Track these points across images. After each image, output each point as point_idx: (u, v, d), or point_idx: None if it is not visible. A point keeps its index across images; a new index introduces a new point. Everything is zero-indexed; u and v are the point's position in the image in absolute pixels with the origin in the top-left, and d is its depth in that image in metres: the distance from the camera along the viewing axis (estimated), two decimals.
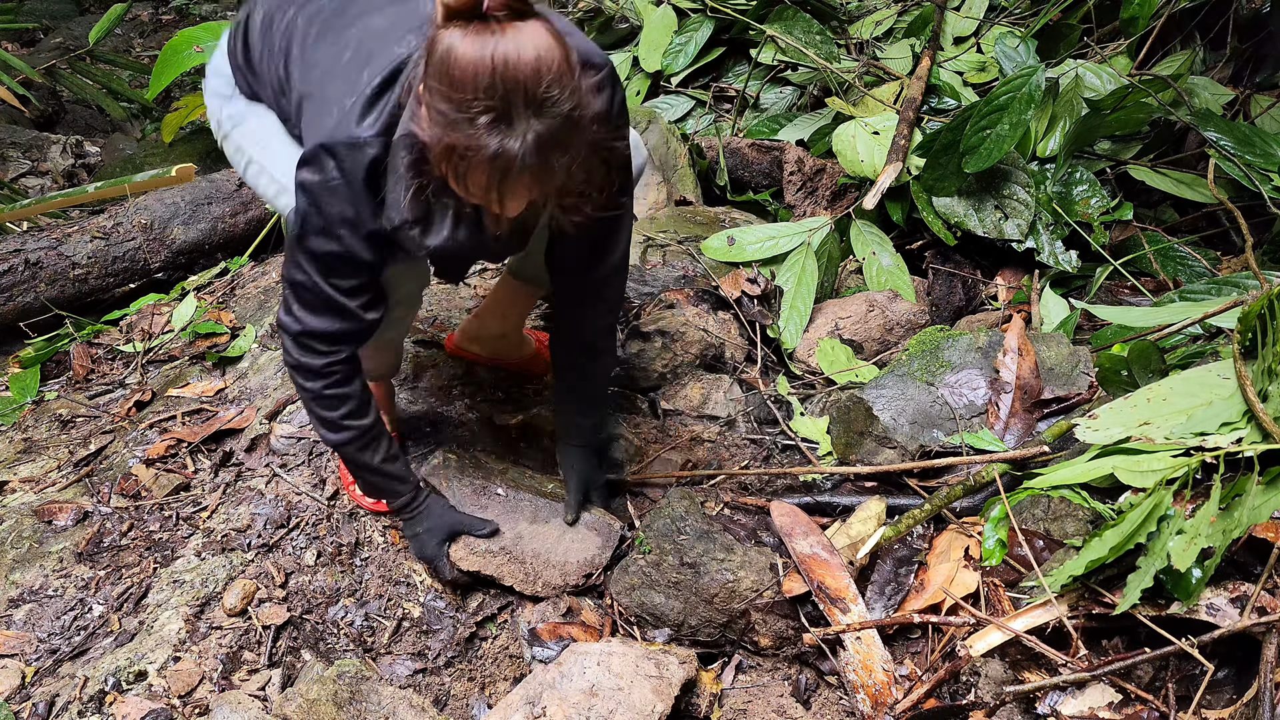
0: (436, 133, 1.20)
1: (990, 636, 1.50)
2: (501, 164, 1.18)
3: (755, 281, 2.61)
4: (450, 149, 1.19)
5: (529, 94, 1.15)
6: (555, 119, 1.17)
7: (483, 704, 1.70)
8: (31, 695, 1.65)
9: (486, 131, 1.16)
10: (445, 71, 1.15)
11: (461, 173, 1.22)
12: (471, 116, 1.15)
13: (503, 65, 1.13)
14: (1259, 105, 2.94)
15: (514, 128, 1.16)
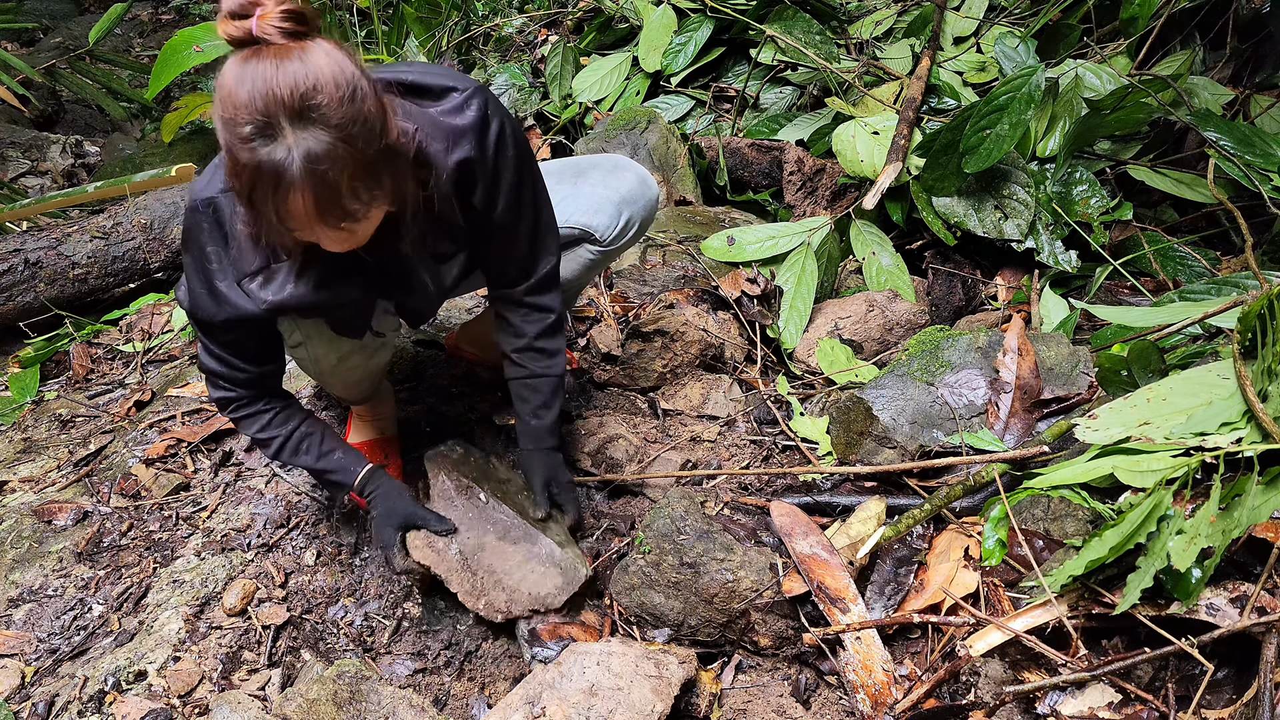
0: (225, 159, 1.22)
1: (990, 636, 1.50)
2: (270, 176, 1.18)
3: (755, 281, 2.61)
4: (231, 173, 1.22)
5: (289, 105, 1.15)
6: (324, 129, 1.17)
7: (482, 704, 1.70)
8: (31, 695, 1.65)
9: (252, 144, 1.17)
10: (218, 98, 1.19)
11: (245, 193, 1.23)
12: (239, 133, 1.17)
13: (262, 81, 1.15)
14: (1259, 105, 2.94)
15: (278, 140, 1.17)
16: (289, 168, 1.17)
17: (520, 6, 5.14)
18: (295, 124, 1.17)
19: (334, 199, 1.21)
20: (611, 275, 2.77)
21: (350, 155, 1.19)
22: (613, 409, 2.30)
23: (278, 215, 1.23)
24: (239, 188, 1.23)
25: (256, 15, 1.16)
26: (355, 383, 1.90)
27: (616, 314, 2.60)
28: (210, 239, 1.43)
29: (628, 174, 1.91)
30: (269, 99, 1.15)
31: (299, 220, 1.23)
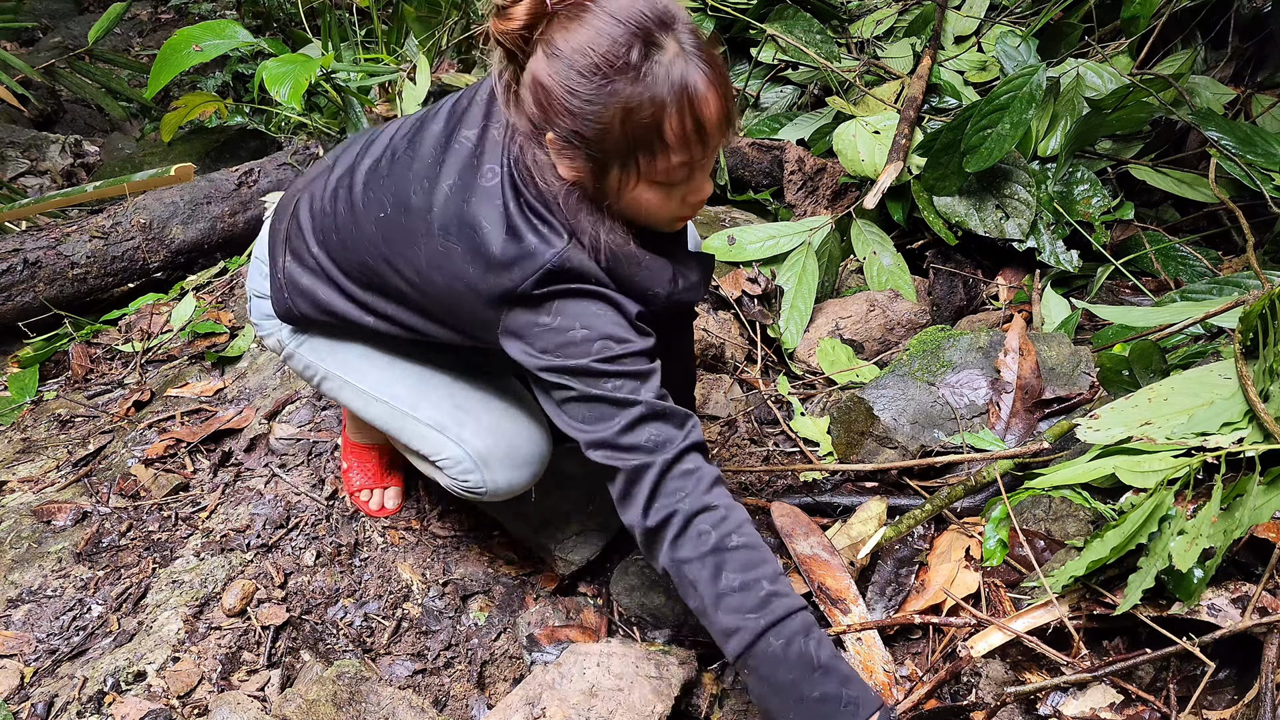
0: (604, 116, 1.10)
1: (991, 637, 1.50)
2: (681, 89, 1.09)
3: (756, 281, 2.60)
4: (625, 116, 1.10)
5: (654, 18, 1.09)
6: (688, 24, 1.12)
7: (482, 704, 1.70)
8: (30, 695, 1.64)
9: (645, 67, 1.08)
10: (569, 69, 1.09)
11: (651, 139, 1.12)
12: (621, 65, 1.08)
13: (612, 16, 1.08)
14: (1260, 105, 2.94)
15: (665, 49, 1.09)
16: (695, 70, 1.10)
17: None
18: (668, 32, 1.10)
19: (730, 92, 1.15)
20: None
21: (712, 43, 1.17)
22: None
23: (697, 129, 1.12)
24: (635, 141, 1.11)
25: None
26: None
27: None
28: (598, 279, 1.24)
29: None
30: (634, 19, 1.08)
31: (716, 126, 1.14)
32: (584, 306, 1.24)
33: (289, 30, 5.94)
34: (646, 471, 1.22)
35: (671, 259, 1.34)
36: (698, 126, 1.13)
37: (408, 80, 3.99)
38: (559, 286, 1.22)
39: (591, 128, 1.12)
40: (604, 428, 1.25)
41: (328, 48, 4.31)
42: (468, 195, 1.26)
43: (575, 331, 1.23)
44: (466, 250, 1.25)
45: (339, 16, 5.08)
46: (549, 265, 1.21)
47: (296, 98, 3.29)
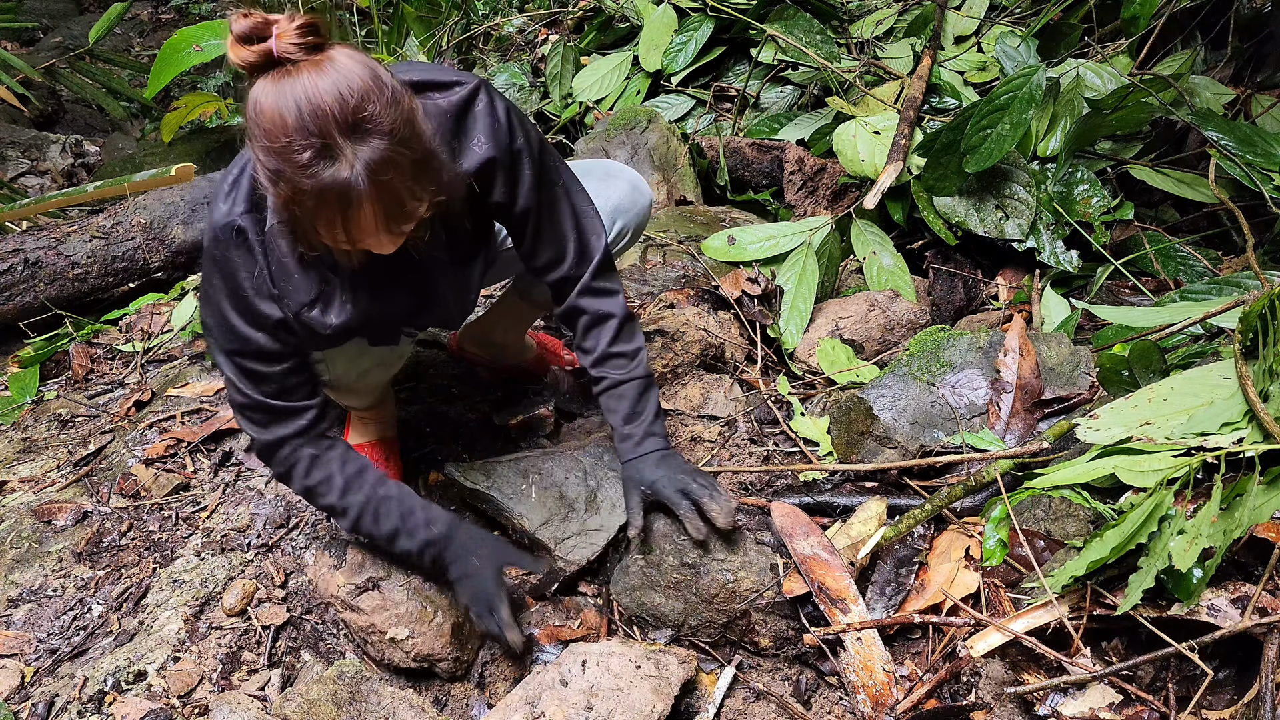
0: (272, 189, 1.19)
1: (991, 637, 1.50)
2: (337, 196, 1.16)
3: (756, 281, 2.60)
4: (289, 200, 1.18)
5: (340, 121, 1.13)
6: (380, 138, 1.16)
7: (482, 704, 1.69)
8: (31, 695, 1.65)
9: (313, 168, 1.14)
10: (258, 126, 1.15)
11: (309, 219, 1.21)
12: (294, 159, 1.14)
13: (306, 102, 1.12)
14: (1260, 105, 2.94)
15: (339, 158, 1.15)
16: (355, 184, 1.15)
17: (520, 6, 5.14)
18: (352, 138, 1.15)
19: (399, 204, 1.21)
20: None
21: (406, 158, 1.19)
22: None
23: (346, 232, 1.21)
24: (298, 213, 1.20)
25: (274, 35, 1.13)
26: (369, 390, 1.89)
27: None
28: (242, 265, 1.38)
29: (619, 181, 1.89)
30: (320, 118, 1.13)
31: (366, 231, 1.22)
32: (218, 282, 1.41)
33: None
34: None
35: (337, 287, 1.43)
36: (346, 231, 1.22)
37: None
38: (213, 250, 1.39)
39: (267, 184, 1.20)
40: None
41: None
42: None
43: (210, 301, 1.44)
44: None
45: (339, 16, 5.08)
46: (215, 225, 1.37)
47: None
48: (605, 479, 1.97)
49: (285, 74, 1.13)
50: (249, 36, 1.14)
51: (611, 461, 2.00)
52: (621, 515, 1.92)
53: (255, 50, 1.13)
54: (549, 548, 1.88)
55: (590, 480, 1.96)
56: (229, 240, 1.37)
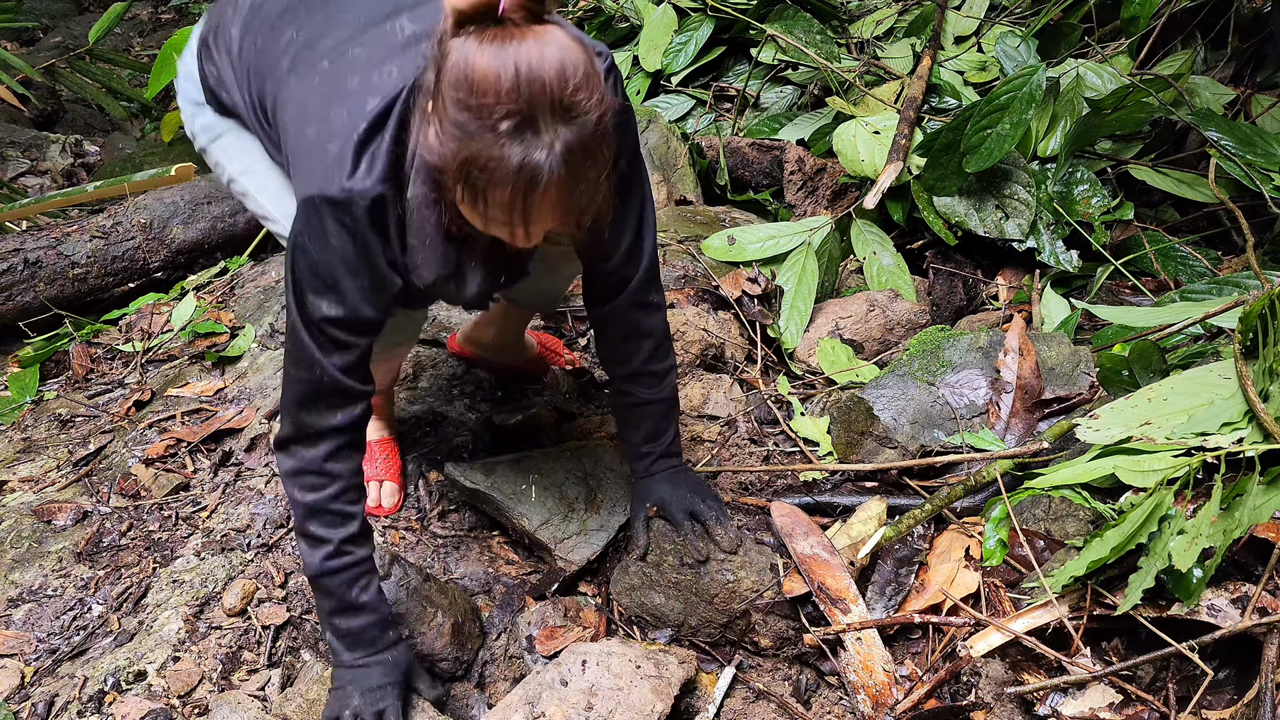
0: (452, 147, 1.10)
1: (991, 637, 1.50)
2: (527, 177, 1.08)
3: (756, 281, 2.60)
4: (468, 162, 1.09)
5: (555, 100, 1.06)
6: (583, 127, 1.09)
7: (483, 704, 1.69)
8: (31, 695, 1.65)
9: (510, 140, 1.06)
10: (463, 79, 1.06)
11: (481, 190, 1.11)
12: (493, 124, 1.06)
13: (526, 70, 1.04)
14: (1260, 105, 2.94)
15: (540, 137, 1.07)
16: (549, 168, 1.08)
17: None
18: (558, 120, 1.07)
19: (577, 199, 1.14)
20: None
21: (601, 154, 1.13)
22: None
23: (510, 214, 1.13)
24: (465, 181, 1.11)
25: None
26: (391, 368, 1.88)
27: None
28: (377, 236, 1.27)
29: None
30: (536, 89, 1.05)
31: (534, 220, 1.14)
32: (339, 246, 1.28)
33: None
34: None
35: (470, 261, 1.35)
36: (512, 213, 1.13)
37: None
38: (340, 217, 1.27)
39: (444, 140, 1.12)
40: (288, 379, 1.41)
41: None
42: (360, 80, 1.28)
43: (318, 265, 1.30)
44: (315, 118, 1.31)
45: None
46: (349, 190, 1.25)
47: None
48: (605, 479, 1.97)
49: (505, 35, 1.05)
50: None
51: (611, 461, 2.00)
52: (622, 515, 1.92)
53: (477, 4, 1.05)
54: (549, 548, 1.88)
55: (590, 480, 1.96)
56: (365, 211, 1.24)
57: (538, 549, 1.93)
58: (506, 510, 1.92)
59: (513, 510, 1.92)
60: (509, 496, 1.93)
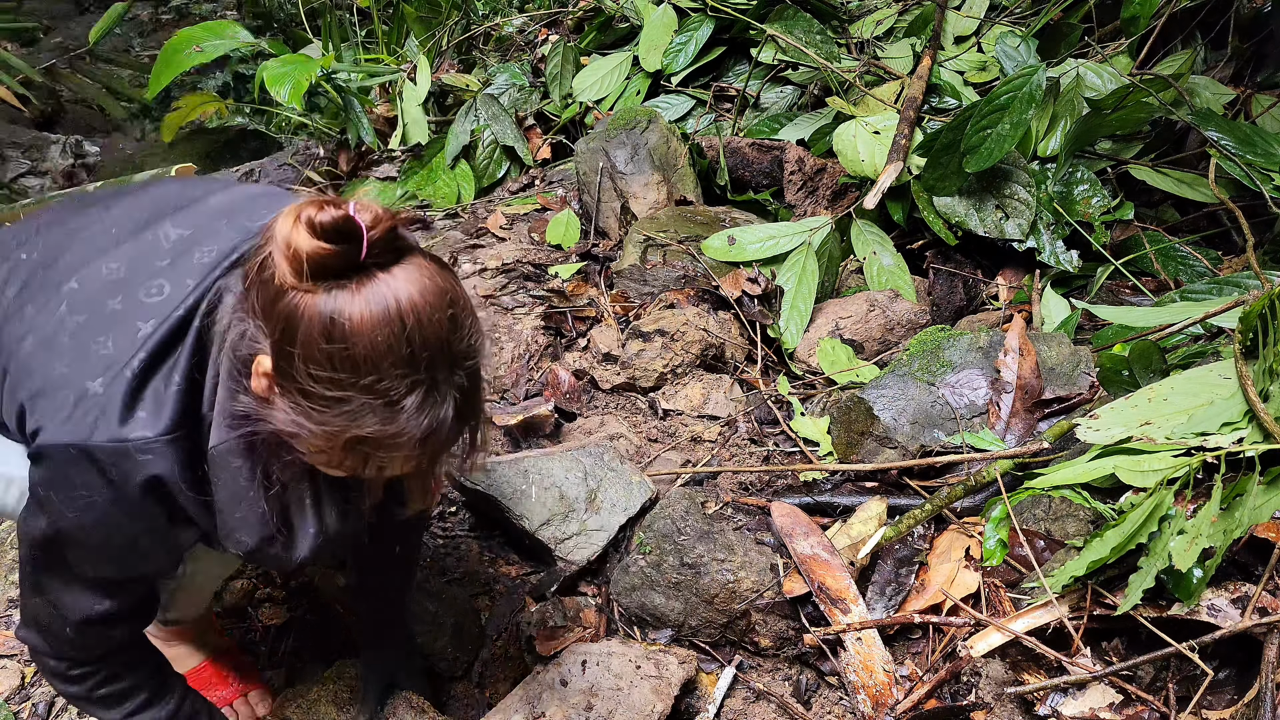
0: (331, 427, 0.93)
1: (991, 637, 1.50)
2: (436, 440, 0.95)
3: (756, 281, 2.60)
4: (357, 442, 0.94)
5: (452, 349, 0.93)
6: (474, 367, 0.98)
7: (483, 704, 1.70)
8: (31, 695, 1.65)
9: (415, 413, 0.92)
10: (338, 350, 0.89)
11: (368, 458, 0.96)
12: (392, 402, 0.91)
13: (414, 325, 0.89)
14: (1260, 105, 2.94)
15: (444, 396, 0.94)
16: (449, 424, 0.95)
17: (520, 6, 5.14)
18: (455, 370, 0.95)
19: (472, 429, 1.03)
20: (612, 275, 2.77)
21: (483, 392, 1.02)
22: (613, 409, 2.29)
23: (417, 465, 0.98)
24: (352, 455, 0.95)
25: (366, 235, 0.88)
26: (208, 593, 1.62)
27: (617, 314, 2.60)
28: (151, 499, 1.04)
29: None
30: (432, 347, 0.91)
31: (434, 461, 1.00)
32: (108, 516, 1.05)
33: (289, 31, 5.94)
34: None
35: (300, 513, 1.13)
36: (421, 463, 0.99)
37: (408, 80, 3.99)
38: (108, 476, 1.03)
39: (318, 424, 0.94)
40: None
41: (328, 48, 4.31)
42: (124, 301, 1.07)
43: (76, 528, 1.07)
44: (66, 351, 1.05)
45: (339, 17, 5.08)
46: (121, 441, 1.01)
47: (297, 98, 3.29)
48: (605, 479, 1.97)
49: (373, 281, 0.89)
50: (333, 229, 0.88)
51: (611, 461, 2.00)
52: (621, 515, 1.92)
53: (340, 249, 0.88)
54: (549, 548, 1.89)
55: (590, 480, 1.96)
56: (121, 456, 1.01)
57: (538, 549, 1.93)
58: (506, 510, 1.93)
59: (513, 510, 1.92)
60: (509, 497, 1.93)
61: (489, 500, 1.95)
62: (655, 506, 1.87)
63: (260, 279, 0.93)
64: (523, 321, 2.58)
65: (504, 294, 2.70)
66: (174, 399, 1.02)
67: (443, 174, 3.68)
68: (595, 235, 3.07)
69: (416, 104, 3.90)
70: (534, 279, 2.78)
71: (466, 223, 3.24)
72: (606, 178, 3.13)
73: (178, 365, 1.03)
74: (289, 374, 0.93)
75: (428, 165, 3.73)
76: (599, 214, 3.11)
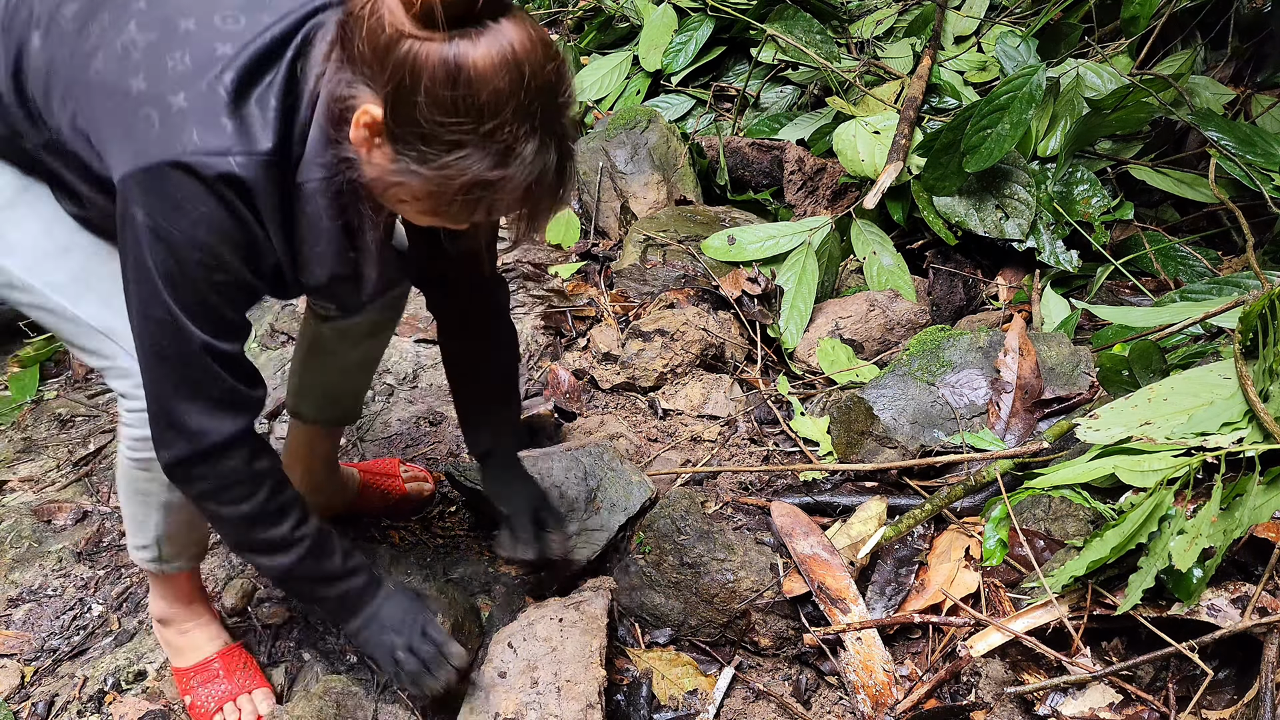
0: (448, 172, 0.97)
1: (991, 637, 1.50)
2: (540, 186, 1.01)
3: (756, 281, 2.60)
4: (473, 185, 0.98)
5: (558, 98, 0.99)
6: (568, 120, 1.03)
7: None
8: (31, 695, 1.65)
9: (530, 159, 0.98)
10: (462, 95, 0.93)
11: (485, 206, 1.02)
12: (510, 144, 0.96)
13: (531, 72, 0.94)
14: (1260, 105, 2.94)
15: (550, 144, 1.00)
16: (555, 174, 1.02)
17: (520, 5, 5.13)
18: (560, 117, 1.01)
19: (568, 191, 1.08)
20: (612, 275, 2.77)
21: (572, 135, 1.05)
22: (613, 409, 2.30)
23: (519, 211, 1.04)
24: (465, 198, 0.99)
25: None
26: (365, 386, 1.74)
27: (616, 313, 2.60)
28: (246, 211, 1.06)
29: None
30: (543, 93, 0.96)
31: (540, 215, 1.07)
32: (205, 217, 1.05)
33: None
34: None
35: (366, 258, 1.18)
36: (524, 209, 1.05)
37: None
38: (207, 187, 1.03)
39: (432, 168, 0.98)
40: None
41: None
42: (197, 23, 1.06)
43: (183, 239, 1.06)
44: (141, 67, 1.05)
45: None
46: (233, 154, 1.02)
47: None
48: (605, 479, 1.97)
49: (489, 31, 0.93)
50: None
51: (611, 461, 2.00)
52: (622, 515, 1.92)
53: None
54: None
55: (590, 480, 1.96)
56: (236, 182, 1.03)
57: None
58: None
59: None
60: None
61: (489, 500, 1.95)
62: (655, 506, 1.87)
63: (367, 27, 0.94)
64: (523, 321, 2.58)
65: None
66: (272, 123, 1.03)
67: None
68: (595, 235, 3.07)
69: None
70: (534, 278, 2.78)
71: None
72: (606, 177, 3.13)
73: (272, 90, 1.04)
74: (409, 122, 0.95)
75: None
76: (599, 213, 3.11)
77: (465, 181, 0.98)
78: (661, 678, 1.67)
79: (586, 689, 1.48)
